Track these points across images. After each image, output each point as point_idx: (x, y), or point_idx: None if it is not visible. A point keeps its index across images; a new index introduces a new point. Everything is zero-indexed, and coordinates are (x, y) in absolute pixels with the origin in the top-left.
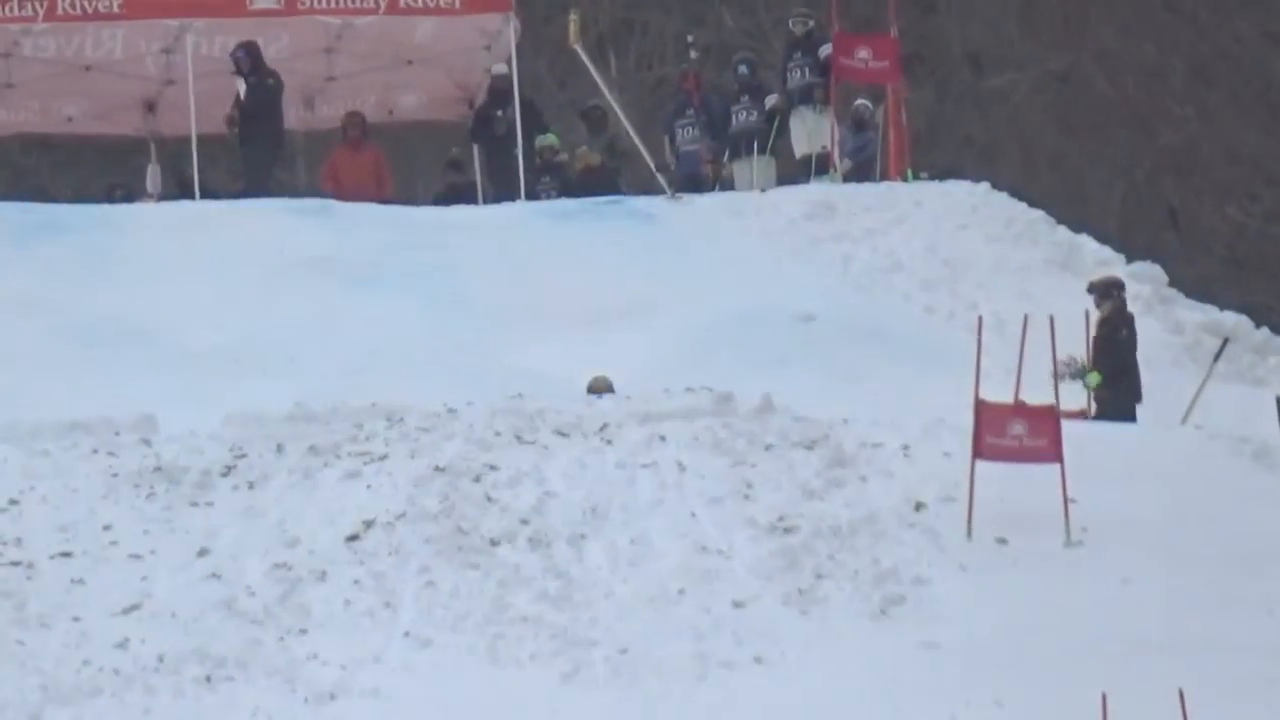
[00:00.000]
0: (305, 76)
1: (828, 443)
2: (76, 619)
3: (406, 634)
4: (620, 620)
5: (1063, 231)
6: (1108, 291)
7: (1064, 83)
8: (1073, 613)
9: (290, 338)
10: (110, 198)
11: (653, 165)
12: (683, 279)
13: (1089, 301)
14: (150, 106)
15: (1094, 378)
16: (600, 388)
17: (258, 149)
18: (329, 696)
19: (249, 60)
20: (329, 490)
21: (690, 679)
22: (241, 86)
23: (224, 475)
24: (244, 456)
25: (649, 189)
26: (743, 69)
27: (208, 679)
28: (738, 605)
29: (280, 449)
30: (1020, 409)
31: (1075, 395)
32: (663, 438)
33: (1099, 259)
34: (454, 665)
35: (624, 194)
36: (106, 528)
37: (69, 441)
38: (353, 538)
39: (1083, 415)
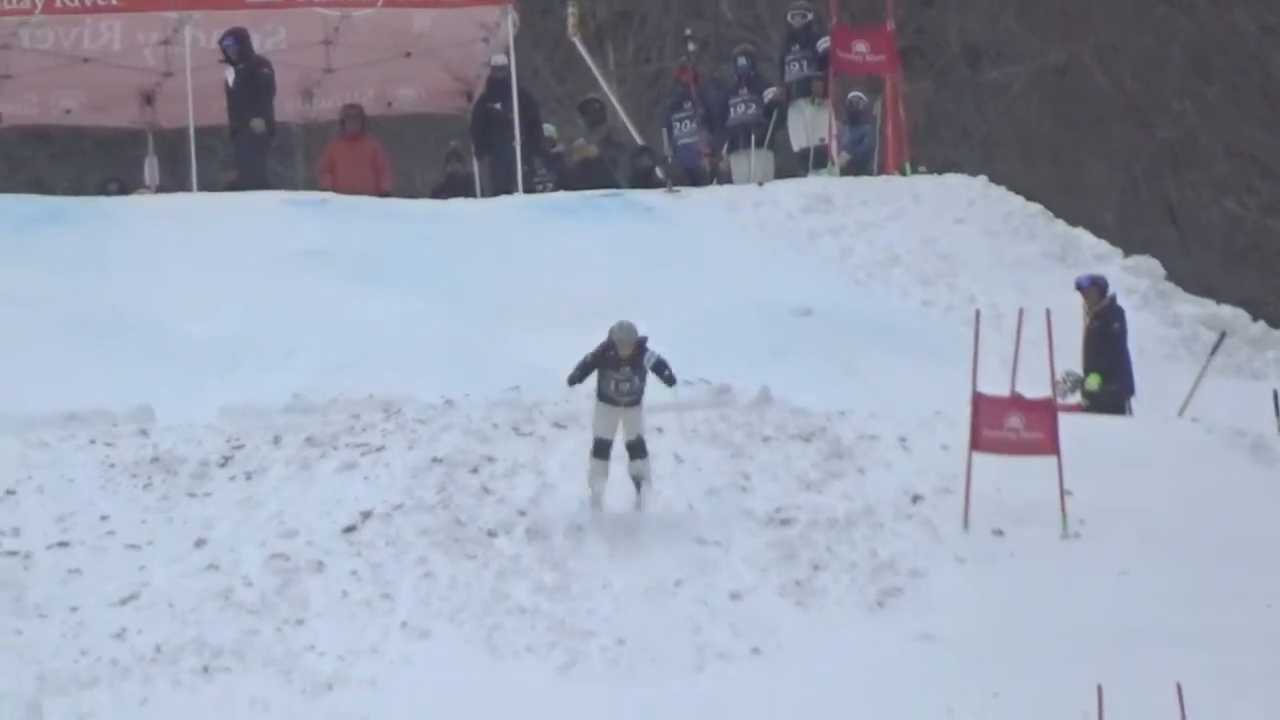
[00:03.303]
0: (303, 69)
1: (825, 435)
2: (74, 609)
3: (404, 625)
4: (617, 612)
5: (1060, 225)
6: (1093, 291)
7: (1062, 76)
8: (1069, 605)
9: (288, 330)
10: (104, 192)
11: (650, 158)
12: (680, 272)
13: (1079, 298)
14: (148, 98)
15: (1093, 380)
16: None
17: (249, 138)
18: (326, 687)
19: (237, 48)
20: (326, 481)
21: (688, 670)
22: (230, 75)
23: (221, 466)
24: (241, 447)
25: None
26: (742, 61)
27: (205, 669)
28: (735, 597)
29: (278, 440)
30: (1017, 402)
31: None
32: (660, 430)
33: (1096, 253)
34: (451, 656)
35: (621, 187)
36: (104, 518)
37: (66, 432)
38: (350, 529)
39: (1079, 409)
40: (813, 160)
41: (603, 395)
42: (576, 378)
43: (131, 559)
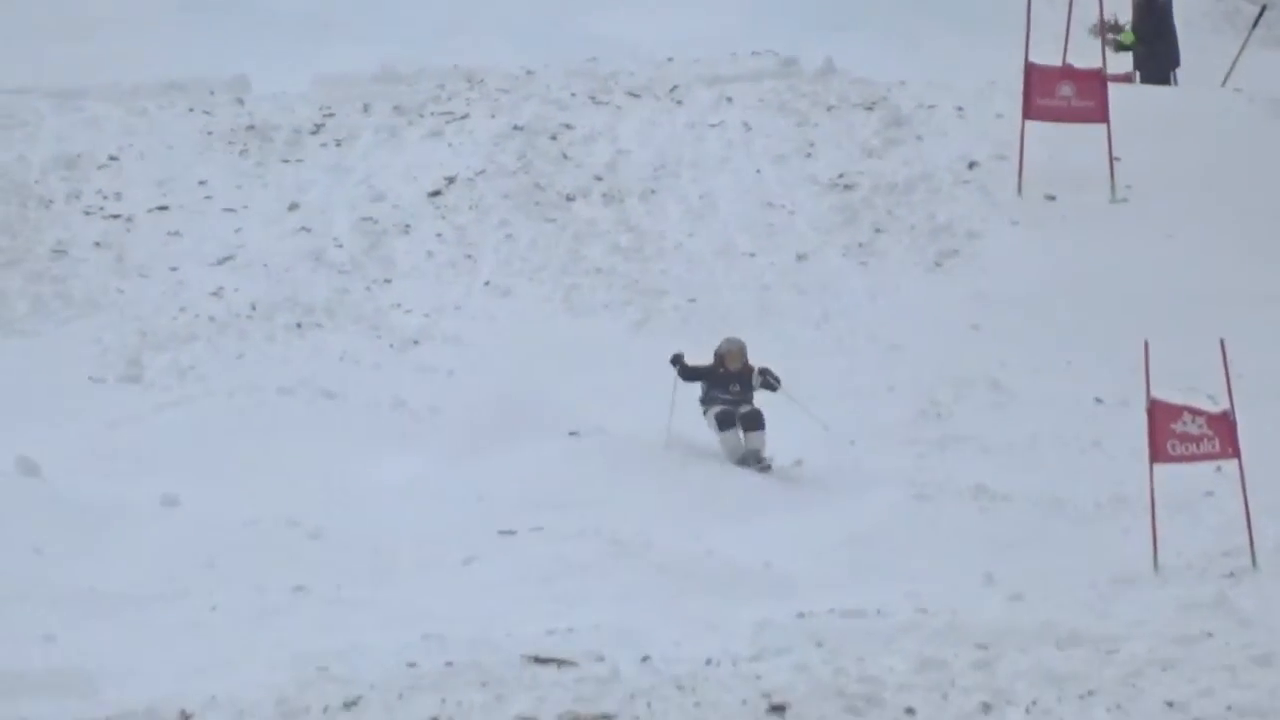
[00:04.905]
0: None
1: (886, 104)
2: (173, 269)
3: (486, 283)
4: (689, 271)
5: None
6: None
7: None
8: (1118, 265)
9: (376, 2)
10: None
11: None
12: None
13: None
14: None
15: (1127, 36)
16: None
17: None
18: (412, 342)
19: None
20: (413, 148)
21: (752, 326)
22: None
23: (313, 133)
24: (332, 115)
25: None
26: None
27: (298, 325)
28: (800, 258)
29: (367, 108)
30: (1068, 72)
31: (1122, 62)
32: (729, 99)
33: None
34: (531, 313)
35: None
36: (201, 183)
37: (166, 100)
38: (435, 193)
39: (1128, 79)
40: None
41: (715, 412)
42: (682, 373)
43: (228, 221)
